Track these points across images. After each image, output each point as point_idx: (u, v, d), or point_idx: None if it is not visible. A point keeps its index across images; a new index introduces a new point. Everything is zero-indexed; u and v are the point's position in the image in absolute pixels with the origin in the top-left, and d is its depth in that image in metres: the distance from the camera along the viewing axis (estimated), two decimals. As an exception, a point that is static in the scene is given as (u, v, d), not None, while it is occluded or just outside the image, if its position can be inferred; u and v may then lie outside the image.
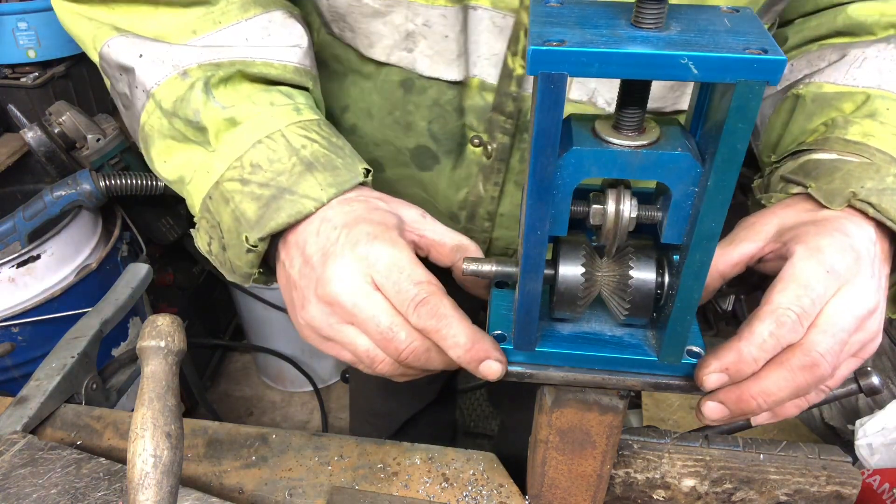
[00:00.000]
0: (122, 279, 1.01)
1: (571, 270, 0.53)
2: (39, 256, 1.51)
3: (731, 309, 2.23)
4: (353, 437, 0.78)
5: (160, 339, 0.56)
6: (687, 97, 0.75)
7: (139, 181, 1.65)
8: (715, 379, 0.52)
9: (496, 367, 0.55)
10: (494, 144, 0.77)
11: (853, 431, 1.25)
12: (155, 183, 1.67)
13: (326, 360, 2.39)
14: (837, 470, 0.66)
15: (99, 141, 1.71)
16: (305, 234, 0.61)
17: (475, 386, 2.41)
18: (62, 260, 1.56)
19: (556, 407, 0.59)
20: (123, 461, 0.70)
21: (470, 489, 0.72)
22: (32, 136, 1.64)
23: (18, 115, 1.68)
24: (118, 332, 1.65)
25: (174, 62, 0.66)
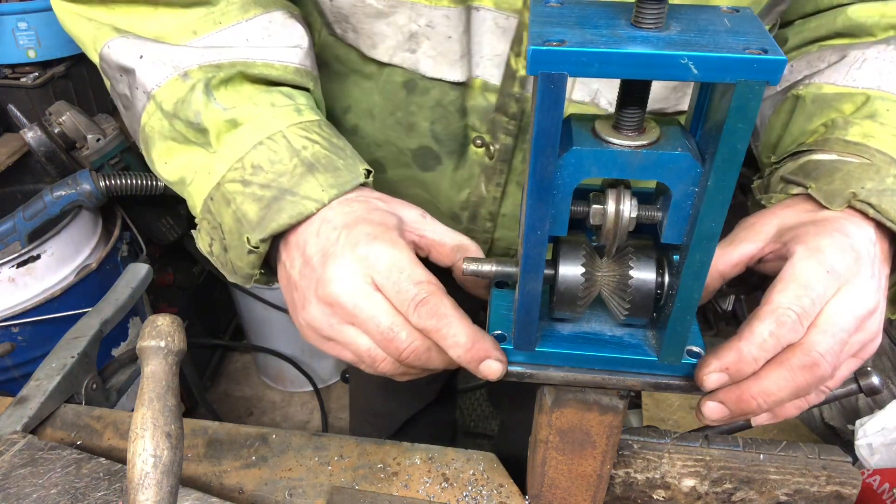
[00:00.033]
0: (122, 279, 1.01)
1: (571, 270, 0.53)
2: (39, 256, 1.51)
3: (731, 309, 2.23)
4: (353, 437, 0.78)
5: (160, 339, 0.56)
6: (689, 98, 0.75)
7: (139, 181, 1.65)
8: (715, 379, 0.52)
9: (496, 366, 0.55)
10: (497, 145, 0.77)
11: (853, 431, 1.25)
12: (155, 183, 1.67)
13: (326, 360, 2.39)
14: (837, 470, 0.66)
15: (99, 141, 1.71)
16: (306, 234, 0.61)
17: (475, 386, 2.41)
18: (62, 260, 1.56)
19: (556, 407, 0.59)
20: (123, 461, 0.70)
21: (470, 489, 0.72)
22: (32, 136, 1.64)
23: (18, 115, 1.68)
24: (118, 332, 1.65)
25: (175, 63, 0.66)
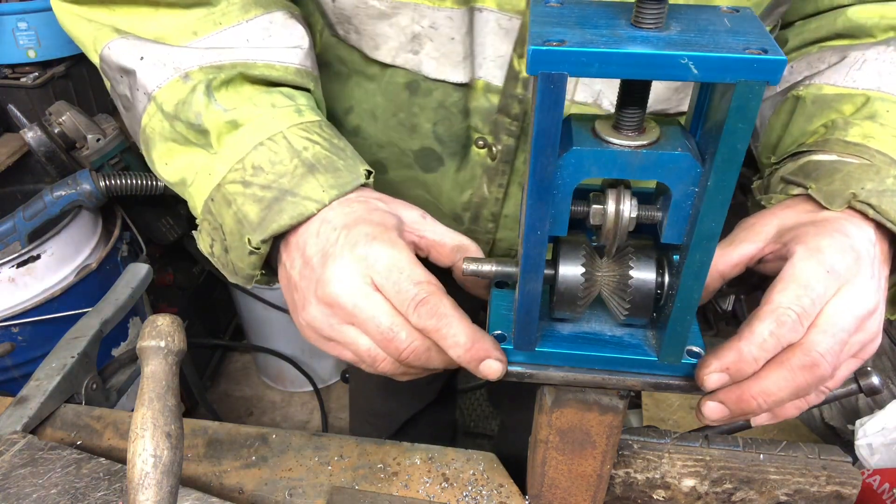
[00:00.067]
0: (122, 279, 1.01)
1: (571, 270, 0.53)
2: (39, 256, 1.51)
3: (731, 309, 2.24)
4: (353, 437, 0.78)
5: (160, 339, 0.56)
6: (690, 98, 0.75)
7: (139, 181, 1.65)
8: (715, 379, 0.52)
9: (496, 366, 0.55)
10: (499, 146, 0.77)
11: (853, 431, 1.25)
12: (155, 183, 1.67)
13: (326, 360, 2.39)
14: (837, 470, 0.66)
15: (99, 141, 1.71)
16: (306, 235, 0.61)
17: (475, 386, 2.41)
18: (62, 260, 1.56)
19: (556, 407, 0.59)
20: (123, 461, 0.70)
21: (470, 489, 0.72)
22: (32, 136, 1.64)
23: (18, 115, 1.68)
24: (118, 332, 1.65)
25: (175, 64, 0.66)
